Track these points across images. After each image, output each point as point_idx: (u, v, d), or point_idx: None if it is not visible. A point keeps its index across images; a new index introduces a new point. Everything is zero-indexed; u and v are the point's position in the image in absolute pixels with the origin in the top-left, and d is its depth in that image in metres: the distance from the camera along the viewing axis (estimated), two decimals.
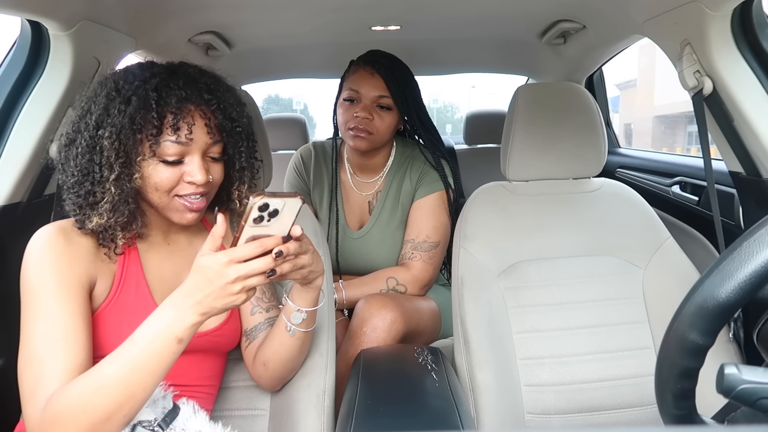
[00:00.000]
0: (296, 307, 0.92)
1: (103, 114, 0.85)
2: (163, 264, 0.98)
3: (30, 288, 0.84)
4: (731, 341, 1.17)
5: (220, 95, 0.91)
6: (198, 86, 0.88)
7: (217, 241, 0.79)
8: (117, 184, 0.85)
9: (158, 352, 0.76)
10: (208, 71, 0.94)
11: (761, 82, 1.18)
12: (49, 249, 0.85)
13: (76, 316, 0.83)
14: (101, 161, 0.84)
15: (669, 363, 0.62)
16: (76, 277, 0.86)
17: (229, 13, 1.55)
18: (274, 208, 0.75)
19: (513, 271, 1.31)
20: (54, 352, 0.79)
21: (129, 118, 0.83)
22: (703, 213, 1.57)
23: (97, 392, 0.75)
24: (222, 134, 0.91)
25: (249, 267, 0.75)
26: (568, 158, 1.38)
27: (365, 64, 1.57)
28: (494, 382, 1.18)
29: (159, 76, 0.86)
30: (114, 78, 0.88)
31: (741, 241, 0.59)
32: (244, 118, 0.95)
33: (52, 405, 0.76)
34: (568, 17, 1.67)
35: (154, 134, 0.84)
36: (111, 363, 0.77)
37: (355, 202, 1.69)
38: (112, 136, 0.83)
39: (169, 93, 0.85)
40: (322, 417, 1.02)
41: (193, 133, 0.86)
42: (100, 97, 0.86)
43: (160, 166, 0.87)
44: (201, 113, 0.88)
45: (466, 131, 2.77)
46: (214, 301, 0.76)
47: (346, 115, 1.55)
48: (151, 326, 0.77)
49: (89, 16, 1.16)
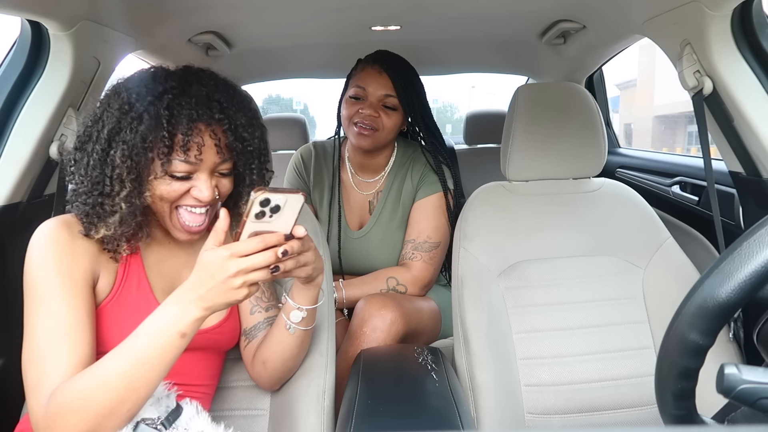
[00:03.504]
0: (296, 305, 0.93)
1: (116, 127, 0.85)
2: (164, 261, 0.99)
3: (33, 283, 0.84)
4: (731, 341, 1.17)
5: (232, 114, 0.90)
6: (210, 105, 0.87)
7: (220, 236, 0.80)
8: (127, 200, 0.86)
9: (162, 347, 0.77)
10: (222, 85, 0.92)
11: (761, 82, 1.18)
12: (53, 243, 0.85)
13: (79, 312, 0.83)
14: (112, 175, 0.85)
15: (669, 363, 0.62)
16: (80, 272, 0.86)
17: (229, 13, 1.55)
18: (275, 203, 0.76)
19: (513, 271, 1.31)
20: (57, 348, 0.80)
21: (141, 137, 0.83)
22: (703, 213, 1.57)
23: (101, 387, 0.76)
24: (232, 153, 0.91)
25: (250, 261, 0.76)
26: (568, 158, 1.38)
27: (374, 63, 1.57)
28: (494, 382, 1.18)
29: (172, 92, 0.85)
30: (127, 89, 0.87)
31: (741, 241, 0.59)
32: (255, 138, 0.94)
33: (56, 399, 0.76)
34: (568, 17, 1.67)
35: (165, 153, 0.84)
36: (114, 358, 0.78)
37: (356, 201, 1.69)
38: (125, 154, 0.84)
39: (181, 112, 0.84)
40: (322, 417, 1.02)
41: (203, 153, 0.87)
42: (113, 109, 0.86)
43: (170, 180, 0.88)
44: (211, 133, 0.87)
45: (466, 131, 2.77)
46: (216, 296, 0.77)
47: (351, 111, 1.56)
48: (155, 321, 0.78)
49: (89, 16, 1.16)
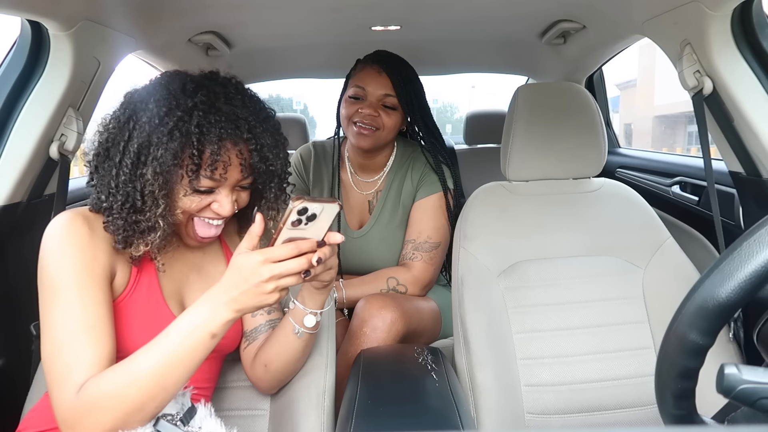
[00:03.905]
0: (308, 309, 0.93)
1: (145, 142, 0.84)
2: (173, 265, 0.99)
3: (52, 276, 0.84)
4: (731, 341, 1.17)
5: (259, 134, 0.90)
6: (238, 124, 0.87)
7: (255, 239, 0.81)
8: (164, 218, 0.87)
9: (192, 347, 0.78)
10: (249, 101, 0.92)
11: (761, 82, 1.18)
12: (72, 236, 0.85)
13: (101, 306, 0.84)
14: (143, 191, 0.85)
15: (669, 363, 0.62)
16: (99, 266, 0.86)
17: (229, 13, 1.55)
18: (312, 212, 0.77)
19: (513, 271, 1.31)
20: (82, 342, 0.81)
21: (172, 155, 0.84)
22: (703, 213, 1.57)
23: (132, 384, 0.77)
24: (254, 171, 0.92)
25: (283, 267, 0.77)
26: (568, 158, 1.38)
27: (373, 63, 1.57)
28: (494, 382, 1.18)
29: (201, 107, 0.85)
30: (156, 100, 0.87)
31: (741, 241, 0.59)
32: (279, 159, 0.94)
33: (86, 395, 0.77)
34: (568, 17, 1.67)
35: (193, 170, 0.85)
36: (145, 356, 0.79)
37: (355, 201, 1.69)
38: (156, 171, 0.84)
39: (210, 130, 0.85)
40: (322, 417, 1.02)
41: (228, 172, 0.88)
42: (142, 121, 0.85)
43: (192, 194, 0.89)
44: (238, 153, 0.88)
45: (466, 131, 2.77)
46: (248, 299, 0.78)
47: (350, 110, 1.56)
48: (187, 321, 0.80)
49: (89, 16, 1.16)
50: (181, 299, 0.99)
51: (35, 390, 1.05)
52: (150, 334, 0.81)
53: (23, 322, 0.86)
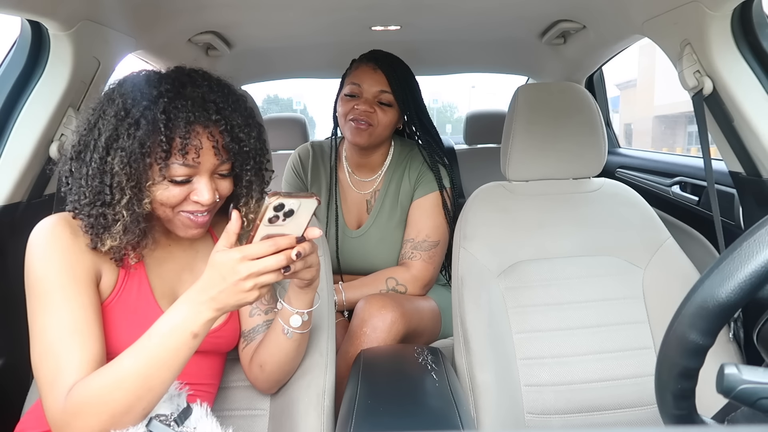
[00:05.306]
0: (294, 309, 0.93)
1: (113, 135, 0.84)
2: (164, 263, 0.99)
3: (37, 280, 0.84)
4: (731, 341, 1.17)
5: (228, 115, 0.89)
6: (206, 107, 0.87)
7: (232, 237, 0.80)
8: (128, 208, 0.86)
9: (175, 347, 0.78)
10: (216, 85, 0.92)
11: (761, 82, 1.18)
12: (55, 241, 0.85)
13: (87, 309, 0.84)
14: (112, 183, 0.84)
15: (669, 363, 0.62)
16: (84, 269, 0.86)
17: (229, 13, 1.55)
18: (289, 208, 0.76)
19: (513, 271, 1.31)
20: (69, 345, 0.81)
21: (139, 143, 0.83)
22: (703, 213, 1.57)
23: (118, 386, 0.77)
24: (229, 154, 0.91)
25: (261, 264, 0.77)
26: (568, 158, 1.38)
27: (368, 61, 1.58)
28: (494, 382, 1.18)
29: (167, 95, 0.85)
30: (121, 94, 0.87)
31: (741, 241, 0.59)
32: (252, 138, 0.93)
33: (74, 398, 0.77)
34: (568, 17, 1.67)
35: (163, 158, 0.84)
36: (129, 357, 0.79)
37: (353, 201, 1.69)
38: (123, 161, 0.83)
39: (177, 115, 0.84)
40: (322, 417, 1.02)
41: (201, 156, 0.87)
42: (109, 116, 0.85)
43: (168, 185, 0.87)
44: (209, 135, 0.87)
45: (466, 131, 2.77)
46: (227, 298, 0.78)
47: (346, 108, 1.56)
48: (168, 321, 0.79)
49: (89, 16, 1.16)
50: (174, 299, 0.98)
51: (34, 390, 1.05)
52: (141, 334, 0.81)
53: (23, 322, 0.86)
